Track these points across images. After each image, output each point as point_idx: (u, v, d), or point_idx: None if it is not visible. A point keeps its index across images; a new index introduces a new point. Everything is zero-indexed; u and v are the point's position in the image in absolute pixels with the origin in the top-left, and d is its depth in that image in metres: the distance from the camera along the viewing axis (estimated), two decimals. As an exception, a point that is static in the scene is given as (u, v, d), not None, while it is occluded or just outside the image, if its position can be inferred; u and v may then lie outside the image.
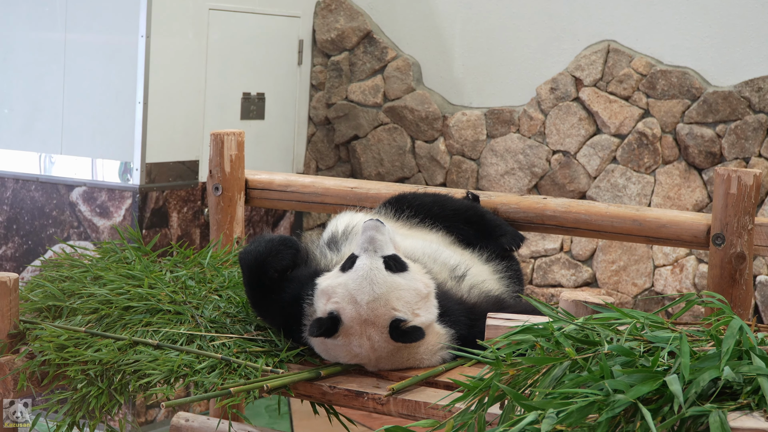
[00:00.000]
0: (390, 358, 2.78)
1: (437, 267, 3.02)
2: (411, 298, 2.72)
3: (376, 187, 3.79)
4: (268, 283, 2.90)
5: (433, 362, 2.82)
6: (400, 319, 2.70)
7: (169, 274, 3.33)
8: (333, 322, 2.72)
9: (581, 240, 5.98)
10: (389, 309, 2.69)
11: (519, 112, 6.15)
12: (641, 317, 2.25)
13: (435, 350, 2.81)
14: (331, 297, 2.74)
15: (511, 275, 3.33)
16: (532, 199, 3.65)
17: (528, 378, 2.14)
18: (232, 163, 3.90)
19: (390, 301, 2.69)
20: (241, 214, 3.93)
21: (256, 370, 2.77)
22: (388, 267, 2.72)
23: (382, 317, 2.69)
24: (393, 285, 2.71)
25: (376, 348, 2.74)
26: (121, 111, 5.54)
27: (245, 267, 2.96)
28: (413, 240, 3.13)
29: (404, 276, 2.74)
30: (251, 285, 2.96)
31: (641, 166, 5.87)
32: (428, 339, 2.78)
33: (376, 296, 2.69)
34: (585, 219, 3.57)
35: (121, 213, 5.54)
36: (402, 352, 2.77)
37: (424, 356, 2.81)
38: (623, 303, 5.83)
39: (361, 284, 2.70)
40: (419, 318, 2.73)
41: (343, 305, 2.71)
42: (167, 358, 2.83)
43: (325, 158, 6.68)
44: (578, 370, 2.10)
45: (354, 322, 2.70)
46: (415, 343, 2.75)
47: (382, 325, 2.70)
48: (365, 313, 2.69)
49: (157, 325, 3.01)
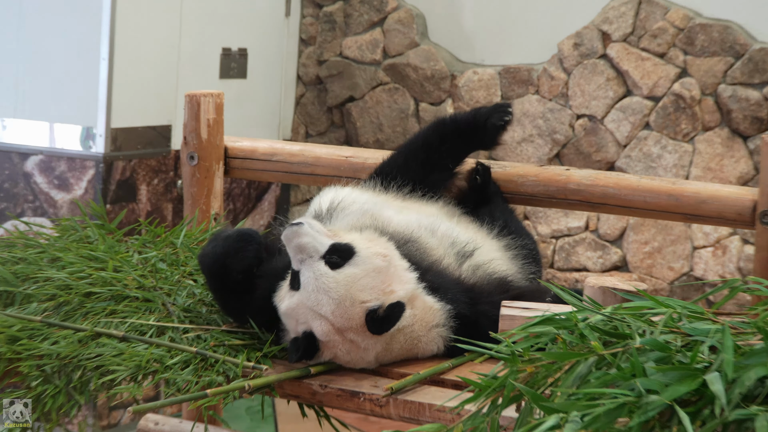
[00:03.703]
0: (386, 351, 2.79)
1: (435, 241, 3.04)
2: (374, 280, 2.74)
3: (375, 156, 3.77)
4: (234, 286, 2.92)
5: (431, 340, 2.83)
6: (373, 309, 2.72)
7: (137, 255, 3.32)
8: (309, 341, 2.75)
9: (609, 218, 5.98)
10: (358, 305, 2.72)
11: (538, 70, 6.13)
12: (678, 306, 2.24)
13: (430, 325, 2.82)
14: (298, 319, 2.76)
15: (526, 254, 3.34)
16: (554, 171, 3.64)
17: (548, 376, 2.13)
18: (210, 129, 3.89)
19: (354, 297, 2.72)
20: (219, 187, 3.93)
21: (236, 366, 2.77)
22: (333, 265, 2.74)
23: (355, 317, 2.72)
24: (348, 280, 2.72)
25: (366, 347, 2.76)
26: (82, 69, 5.52)
27: (205, 272, 3.00)
28: (407, 213, 3.14)
29: (355, 262, 2.76)
30: (216, 290, 2.99)
31: (678, 133, 5.85)
32: (417, 312, 2.79)
33: (337, 302, 2.71)
34: (613, 193, 3.55)
35: (83, 185, 5.53)
36: (395, 339, 2.79)
37: (420, 333, 2.82)
38: (657, 290, 5.83)
39: (316, 298, 2.72)
40: (395, 293, 2.75)
41: (312, 323, 2.73)
42: (134, 352, 2.83)
43: (316, 123, 6.67)
44: (606, 367, 2.09)
45: (330, 334, 2.74)
46: (405, 323, 2.76)
47: (360, 324, 2.72)
48: (336, 322, 2.72)
49: (122, 314, 3.01)
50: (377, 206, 3.17)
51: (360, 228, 2.98)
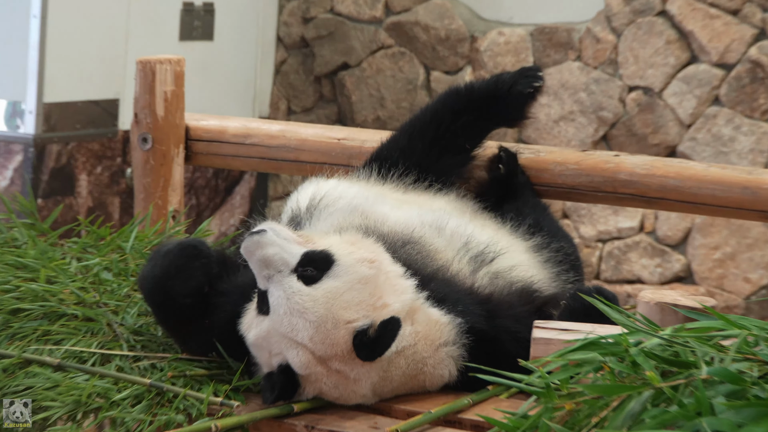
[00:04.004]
0: (384, 381, 2.80)
1: (441, 242, 3.06)
2: (360, 293, 2.75)
3: (374, 138, 3.78)
4: (184, 314, 2.93)
5: (439, 362, 2.83)
6: (363, 329, 2.72)
7: (76, 263, 3.33)
8: (287, 376, 2.75)
9: (670, 216, 5.99)
10: (342, 326, 2.72)
11: (580, 31, 6.14)
12: (755, 327, 2.24)
13: (437, 343, 2.82)
14: (271, 349, 2.77)
15: (562, 259, 3.34)
16: (600, 157, 3.65)
17: (592, 415, 2.14)
18: (167, 104, 3.90)
19: (336, 316, 2.72)
20: (179, 177, 3.94)
21: (200, 402, 2.77)
22: (307, 279, 2.75)
23: (339, 341, 2.72)
24: (328, 296, 2.73)
25: (357, 378, 2.76)
26: (8, 30, 5.53)
27: (147, 300, 3.02)
28: (406, 209, 3.14)
29: (335, 273, 2.76)
30: (164, 322, 3.02)
31: (755, 110, 5.87)
32: (419, 329, 2.79)
33: (316, 324, 2.71)
34: (675, 186, 3.57)
35: (8, 174, 5.54)
36: (394, 365, 2.79)
37: (425, 354, 2.82)
38: (730, 307, 5.84)
39: (290, 323, 2.73)
40: (388, 307, 2.76)
41: (287, 354, 2.74)
42: (72, 385, 2.84)
43: (300, 96, 6.68)
44: (664, 404, 2.10)
45: (310, 366, 2.74)
46: (405, 343, 2.76)
47: (346, 350, 2.72)
48: (317, 349, 2.72)
49: (58, 336, 3.02)
50: (369, 201, 3.17)
51: (344, 230, 2.98)
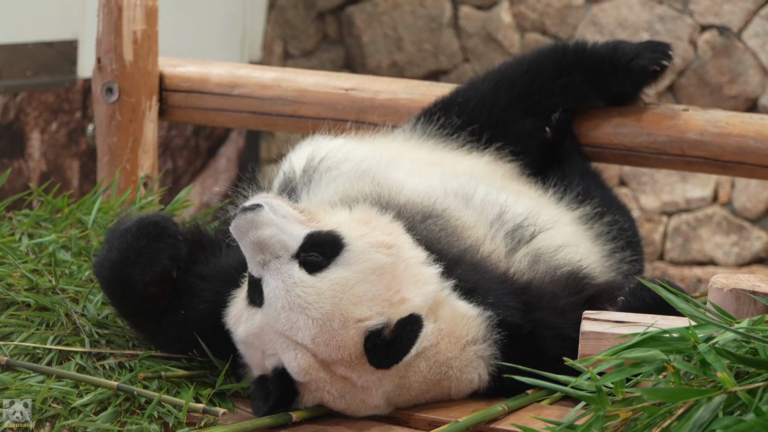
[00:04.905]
0: (401, 389, 2.80)
1: (470, 215, 3.07)
2: (374, 285, 2.75)
3: (390, 88, 3.79)
4: (148, 306, 2.95)
5: (466, 364, 2.85)
6: (376, 330, 2.72)
7: (27, 240, 3.35)
8: (284, 384, 2.75)
9: (749, 185, 5.99)
10: (352, 325, 2.73)
11: (642, -43, 6.14)
12: None
13: (463, 341, 2.84)
14: (264, 349, 2.77)
15: (616, 234, 3.35)
16: (664, 112, 3.66)
17: (653, 425, 2.16)
18: (137, 47, 3.91)
19: (345, 314, 2.73)
20: (152, 136, 3.95)
21: (178, 408, 2.79)
22: (311, 267, 2.74)
23: (348, 344, 2.73)
24: (335, 289, 2.74)
25: (367, 386, 2.76)
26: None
27: (104, 289, 3.06)
28: (426, 175, 3.15)
29: (345, 260, 2.76)
30: (127, 316, 3.06)
31: None
32: (443, 326, 2.80)
33: (320, 323, 2.72)
34: (755, 147, 3.58)
35: (-57, 133, 5.57)
36: (413, 369, 2.80)
37: (450, 355, 2.83)
38: (822, 294, 5.85)
39: (288, 319, 2.73)
40: (407, 303, 2.77)
41: (284, 356, 2.74)
42: (24, 387, 2.86)
43: (299, 37, 6.69)
44: (739, 411, 2.11)
45: (311, 371, 2.74)
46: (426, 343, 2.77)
47: (356, 353, 2.73)
48: (320, 352, 2.72)
49: (7, 329, 3.04)
50: (381, 165, 3.16)
51: (352, 201, 2.97)
